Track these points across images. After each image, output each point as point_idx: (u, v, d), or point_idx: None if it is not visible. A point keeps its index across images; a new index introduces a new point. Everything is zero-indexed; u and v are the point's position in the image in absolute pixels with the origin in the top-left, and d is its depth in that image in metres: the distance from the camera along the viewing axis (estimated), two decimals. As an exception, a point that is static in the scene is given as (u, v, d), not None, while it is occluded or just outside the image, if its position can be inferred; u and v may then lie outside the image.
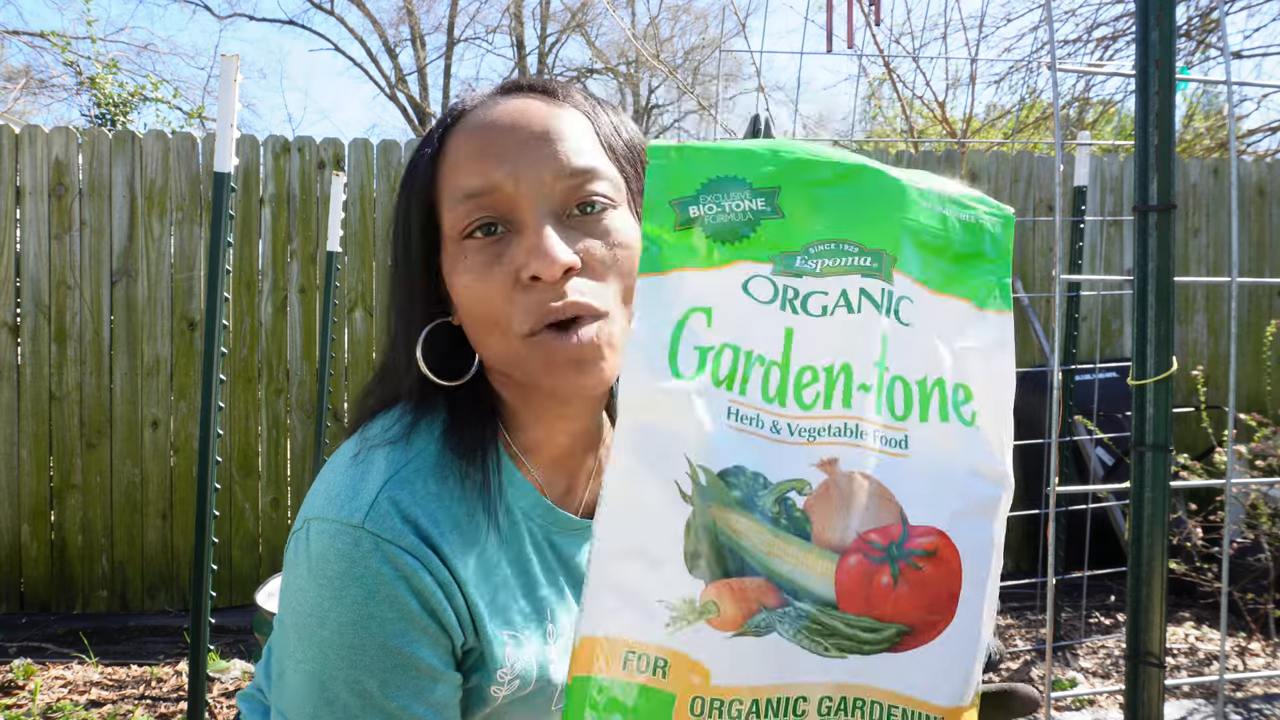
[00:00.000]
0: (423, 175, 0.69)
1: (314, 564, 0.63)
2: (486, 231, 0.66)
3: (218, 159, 1.82)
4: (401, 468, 0.67)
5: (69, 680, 2.77)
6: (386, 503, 0.64)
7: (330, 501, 0.65)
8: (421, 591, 0.63)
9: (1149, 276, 1.02)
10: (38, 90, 9.80)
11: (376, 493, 0.65)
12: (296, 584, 0.65)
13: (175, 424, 3.52)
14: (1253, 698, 2.45)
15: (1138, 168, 1.04)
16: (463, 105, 0.71)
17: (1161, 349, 1.01)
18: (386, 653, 0.62)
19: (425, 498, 0.66)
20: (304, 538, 0.65)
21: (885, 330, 0.54)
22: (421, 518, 0.65)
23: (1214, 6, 5.45)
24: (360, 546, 0.63)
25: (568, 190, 0.66)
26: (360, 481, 0.66)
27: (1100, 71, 1.34)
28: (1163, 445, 1.01)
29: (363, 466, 0.67)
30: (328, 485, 0.67)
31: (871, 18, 3.33)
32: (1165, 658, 1.02)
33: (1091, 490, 1.81)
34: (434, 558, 0.64)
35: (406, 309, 0.72)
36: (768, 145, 0.56)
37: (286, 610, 0.66)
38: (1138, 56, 1.04)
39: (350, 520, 0.63)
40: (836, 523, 0.49)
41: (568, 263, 0.63)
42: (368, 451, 0.69)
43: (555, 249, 0.63)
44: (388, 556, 0.62)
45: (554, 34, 15.87)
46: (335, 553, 0.63)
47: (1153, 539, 1.01)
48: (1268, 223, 4.22)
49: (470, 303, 0.66)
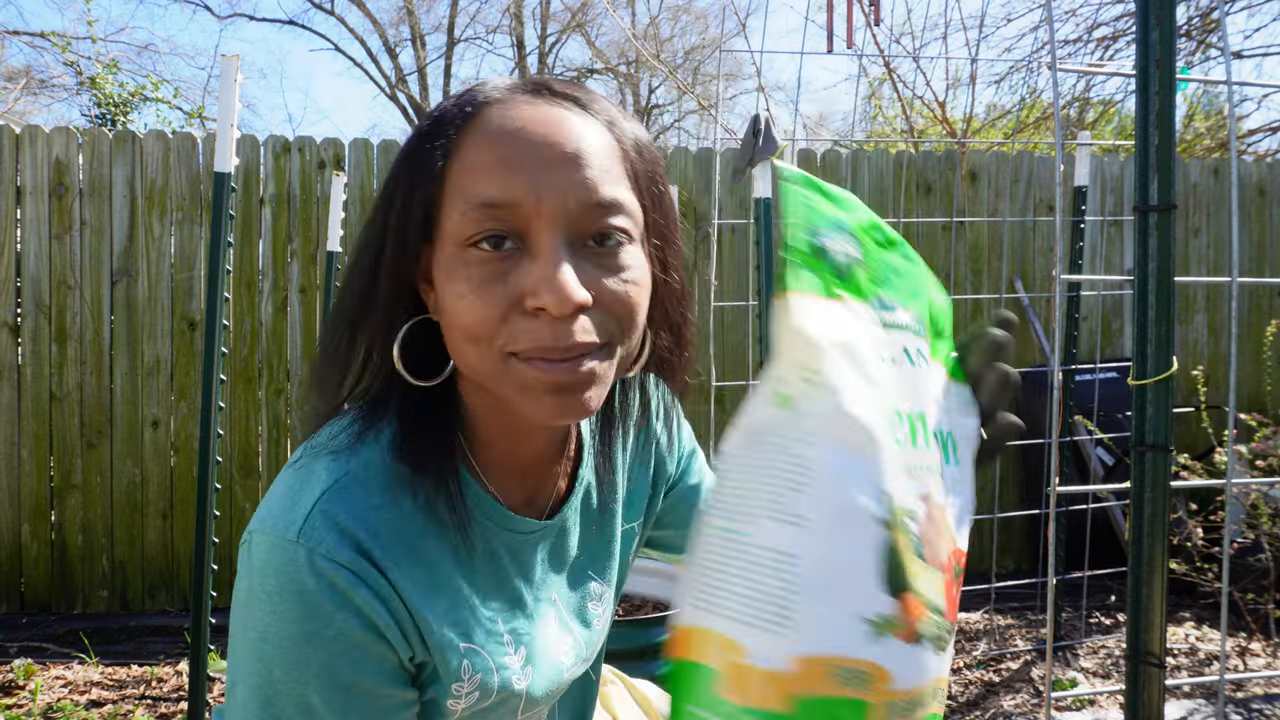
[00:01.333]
0: (430, 167, 0.64)
1: (254, 578, 0.62)
2: (494, 244, 0.61)
3: (218, 159, 1.82)
4: (341, 476, 0.64)
5: (69, 680, 2.77)
6: (321, 516, 0.62)
7: (269, 513, 0.64)
8: (361, 608, 0.61)
9: (1149, 276, 1.02)
10: (38, 90, 9.81)
11: (312, 505, 0.62)
12: (240, 597, 0.63)
13: (175, 424, 3.52)
14: (1253, 698, 2.45)
15: (1138, 168, 1.04)
16: (483, 98, 0.65)
17: (1162, 349, 1.01)
18: (328, 670, 0.61)
19: (365, 510, 0.63)
20: (246, 550, 0.64)
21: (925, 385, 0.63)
22: (359, 530, 0.62)
23: (1214, 6, 5.45)
24: (295, 561, 0.61)
25: (589, 219, 0.62)
26: (298, 493, 0.64)
27: (1100, 71, 1.35)
28: (1163, 445, 1.01)
29: (302, 475, 0.65)
30: (270, 496, 0.66)
31: (871, 18, 3.33)
32: (1165, 658, 1.02)
33: (1092, 490, 1.81)
34: (373, 571, 0.62)
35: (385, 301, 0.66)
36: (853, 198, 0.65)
37: (235, 623, 0.64)
38: (1138, 56, 1.04)
39: (286, 535, 0.61)
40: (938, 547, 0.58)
41: (581, 301, 0.60)
42: (309, 460, 0.66)
43: (570, 285, 0.59)
44: (322, 573, 0.60)
45: (554, 34, 15.87)
46: (273, 567, 0.61)
47: (1153, 539, 1.01)
48: (1268, 223, 4.22)
49: (460, 313, 0.62)
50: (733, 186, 3.79)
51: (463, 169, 0.62)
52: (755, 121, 2.06)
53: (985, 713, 2.45)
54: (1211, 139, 6.33)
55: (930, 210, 3.95)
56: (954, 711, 2.45)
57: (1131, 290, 1.03)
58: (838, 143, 7.51)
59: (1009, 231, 3.95)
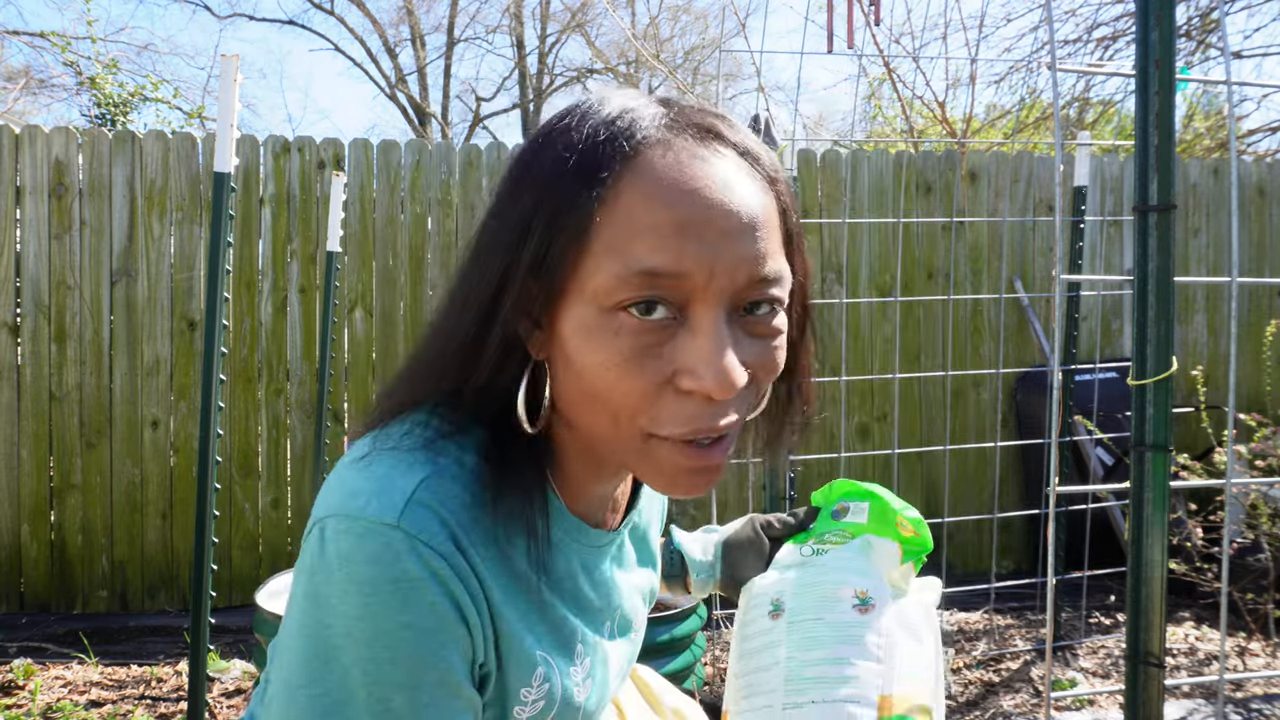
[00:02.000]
0: (581, 215, 0.57)
1: (337, 568, 0.57)
2: (645, 310, 0.56)
3: (218, 159, 1.82)
4: (436, 469, 0.60)
5: (69, 680, 2.77)
6: (420, 504, 0.58)
7: (354, 499, 0.58)
8: (458, 601, 0.58)
9: (1149, 276, 1.02)
10: (38, 90, 9.81)
11: (412, 491, 0.58)
12: (313, 592, 0.57)
13: (175, 424, 3.52)
14: (1252, 698, 2.45)
15: (1138, 168, 1.04)
16: (641, 136, 0.59)
17: (1161, 349, 1.01)
18: (419, 666, 0.56)
19: (459, 505, 0.60)
20: (319, 538, 0.58)
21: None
22: (455, 524, 0.59)
23: (1214, 6, 5.45)
24: (393, 548, 0.56)
25: (751, 292, 0.58)
26: (391, 480, 0.59)
27: (1100, 72, 1.35)
28: (1163, 445, 1.01)
29: (387, 467, 0.61)
30: (345, 484, 0.61)
31: (871, 18, 3.33)
32: (1165, 658, 1.02)
33: (1091, 490, 1.81)
34: (465, 566, 0.59)
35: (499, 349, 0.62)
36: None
37: (297, 624, 0.59)
38: (1138, 56, 1.04)
39: (384, 519, 0.57)
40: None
41: (741, 384, 0.57)
42: (389, 453, 0.62)
43: (735, 370, 0.56)
44: (425, 560, 0.56)
45: (554, 34, 15.88)
46: (365, 555, 0.56)
47: (1153, 539, 1.01)
48: (1268, 223, 4.22)
49: (606, 387, 0.58)
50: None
51: (625, 225, 0.57)
52: (755, 121, 2.06)
53: (985, 713, 2.45)
54: (1211, 139, 6.33)
55: (930, 210, 3.95)
56: (954, 711, 2.45)
57: (1131, 290, 1.03)
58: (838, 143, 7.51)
59: (1009, 231, 3.95)
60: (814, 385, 0.76)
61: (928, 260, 3.95)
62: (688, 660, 2.37)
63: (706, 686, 2.54)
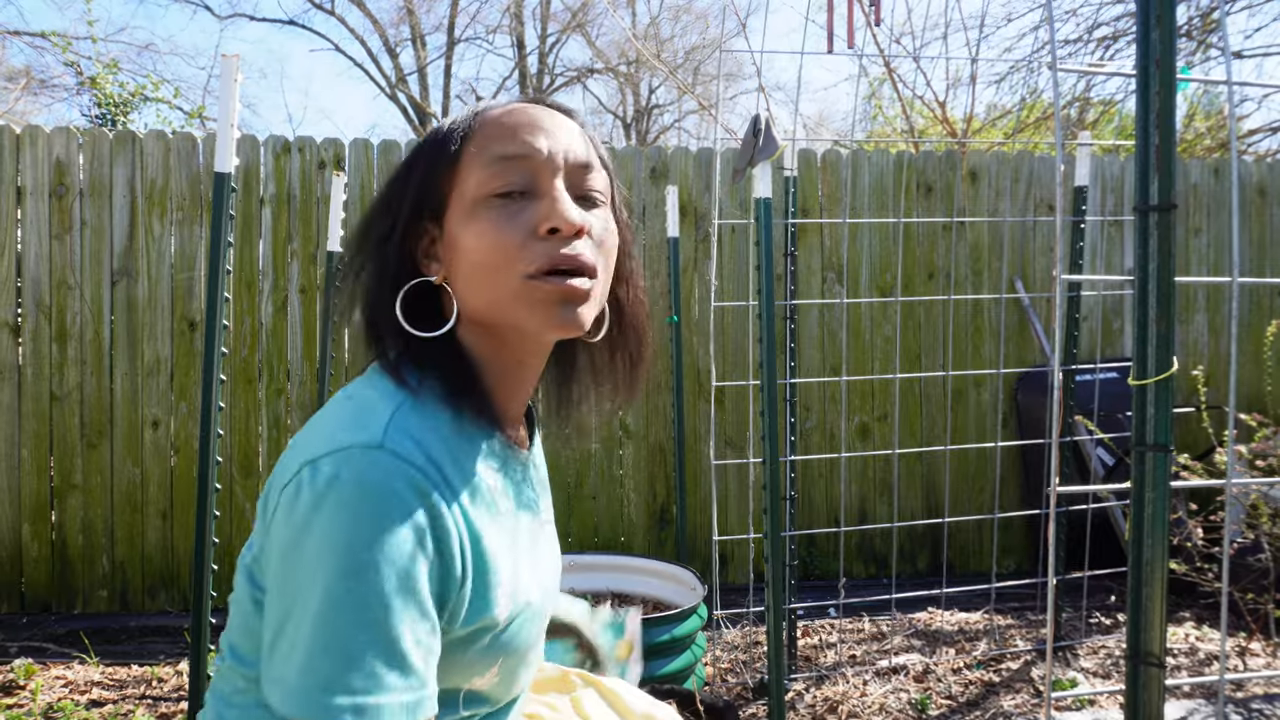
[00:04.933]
0: (451, 148, 0.78)
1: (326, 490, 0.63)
2: (508, 195, 0.75)
3: (218, 159, 1.82)
4: (401, 403, 0.72)
5: (70, 680, 2.77)
6: (396, 428, 0.69)
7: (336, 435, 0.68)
8: (434, 508, 0.67)
9: (1150, 276, 1.02)
10: (38, 90, 9.80)
11: (389, 419, 0.69)
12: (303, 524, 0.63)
13: (176, 424, 3.52)
14: (1253, 698, 2.45)
15: (1138, 168, 1.04)
16: (487, 106, 0.81)
17: (1162, 349, 1.01)
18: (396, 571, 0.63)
19: (424, 430, 0.71)
20: (311, 476, 0.65)
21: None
22: (429, 445, 0.70)
23: (1215, 6, 5.44)
24: (379, 465, 0.65)
25: (577, 175, 0.78)
26: (365, 414, 0.71)
27: (1101, 71, 1.35)
28: (1163, 445, 1.01)
29: (357, 404, 0.73)
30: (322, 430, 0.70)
31: (872, 18, 3.33)
32: (1165, 658, 1.02)
33: (1092, 490, 1.81)
34: (439, 477, 0.69)
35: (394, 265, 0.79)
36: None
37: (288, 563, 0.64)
38: (1138, 56, 1.04)
39: (369, 443, 0.66)
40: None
41: (582, 223, 0.75)
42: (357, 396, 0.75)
43: (575, 211, 0.76)
44: (405, 474, 0.66)
45: (554, 34, 15.87)
46: (352, 477, 0.64)
47: (1153, 539, 1.01)
48: (1268, 223, 4.21)
49: (483, 247, 0.75)
50: (733, 186, 3.78)
51: (481, 144, 0.77)
52: (755, 122, 2.06)
53: (985, 713, 2.45)
54: (1212, 139, 6.33)
55: (930, 210, 3.95)
56: (954, 711, 2.45)
57: (1132, 290, 1.03)
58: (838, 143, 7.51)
59: (1009, 231, 3.95)
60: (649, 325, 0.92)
61: (928, 260, 3.95)
62: (688, 660, 2.37)
63: (707, 687, 2.54)
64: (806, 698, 2.52)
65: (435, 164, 0.79)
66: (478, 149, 0.77)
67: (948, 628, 3.13)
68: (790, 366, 2.65)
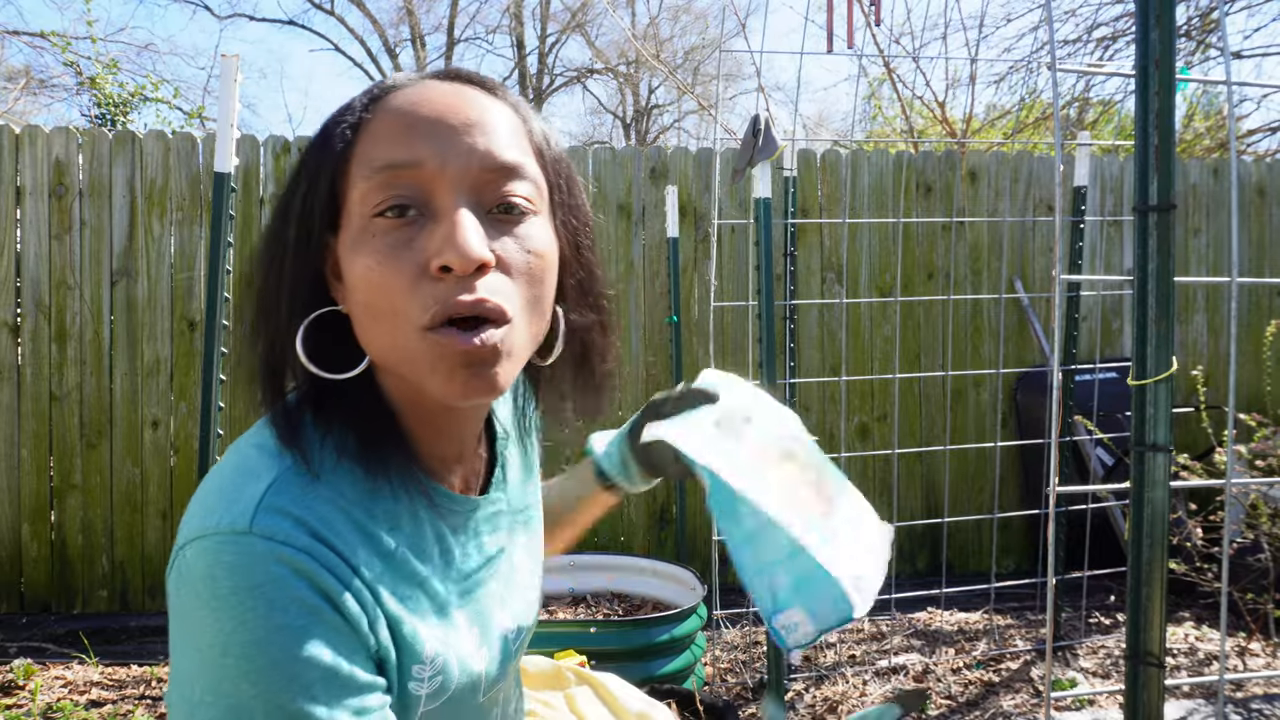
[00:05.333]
0: (337, 146, 0.64)
1: (201, 587, 0.57)
2: (399, 213, 0.61)
3: (218, 159, 1.82)
4: (282, 471, 0.62)
5: (69, 680, 2.77)
6: (270, 506, 0.59)
7: (206, 518, 0.59)
8: (329, 593, 0.58)
9: (1149, 276, 1.02)
10: (38, 90, 9.80)
11: (260, 496, 0.59)
12: (185, 615, 0.58)
13: (175, 424, 3.52)
14: (1253, 698, 2.45)
15: (1138, 168, 1.04)
16: (391, 83, 0.67)
17: (1161, 349, 1.01)
18: (305, 664, 0.56)
19: (313, 499, 0.61)
20: (183, 563, 0.58)
21: None
22: (311, 518, 0.60)
23: (1214, 6, 5.45)
24: (252, 553, 0.57)
25: (491, 183, 0.63)
26: (239, 489, 0.60)
27: (1100, 72, 1.34)
28: (1163, 445, 1.01)
29: (235, 476, 0.62)
30: (201, 504, 0.61)
31: (871, 18, 3.33)
32: (1165, 658, 1.02)
33: (1091, 490, 1.81)
34: (332, 556, 0.60)
35: (289, 294, 0.65)
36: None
37: (179, 653, 0.58)
38: (1138, 56, 1.05)
39: (236, 528, 0.57)
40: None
41: (482, 258, 0.60)
42: (243, 453, 0.64)
43: (472, 241, 0.59)
44: (284, 559, 0.57)
45: (554, 34, 15.87)
46: (224, 567, 0.56)
47: (1153, 539, 1.01)
48: (1268, 223, 4.22)
49: (368, 288, 0.61)
50: (733, 186, 3.79)
51: (369, 141, 0.63)
52: (755, 122, 2.06)
53: (985, 713, 2.45)
54: (1211, 139, 6.33)
55: (930, 210, 3.95)
56: (954, 711, 2.45)
57: (1131, 290, 1.03)
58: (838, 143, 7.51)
59: (1009, 231, 3.95)
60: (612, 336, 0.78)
61: (928, 260, 3.95)
62: (688, 660, 2.37)
63: (706, 687, 2.54)
64: (806, 698, 2.52)
65: (321, 163, 0.64)
66: (363, 151, 0.63)
67: (947, 628, 3.13)
68: (790, 366, 2.65)
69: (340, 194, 0.64)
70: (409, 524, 0.67)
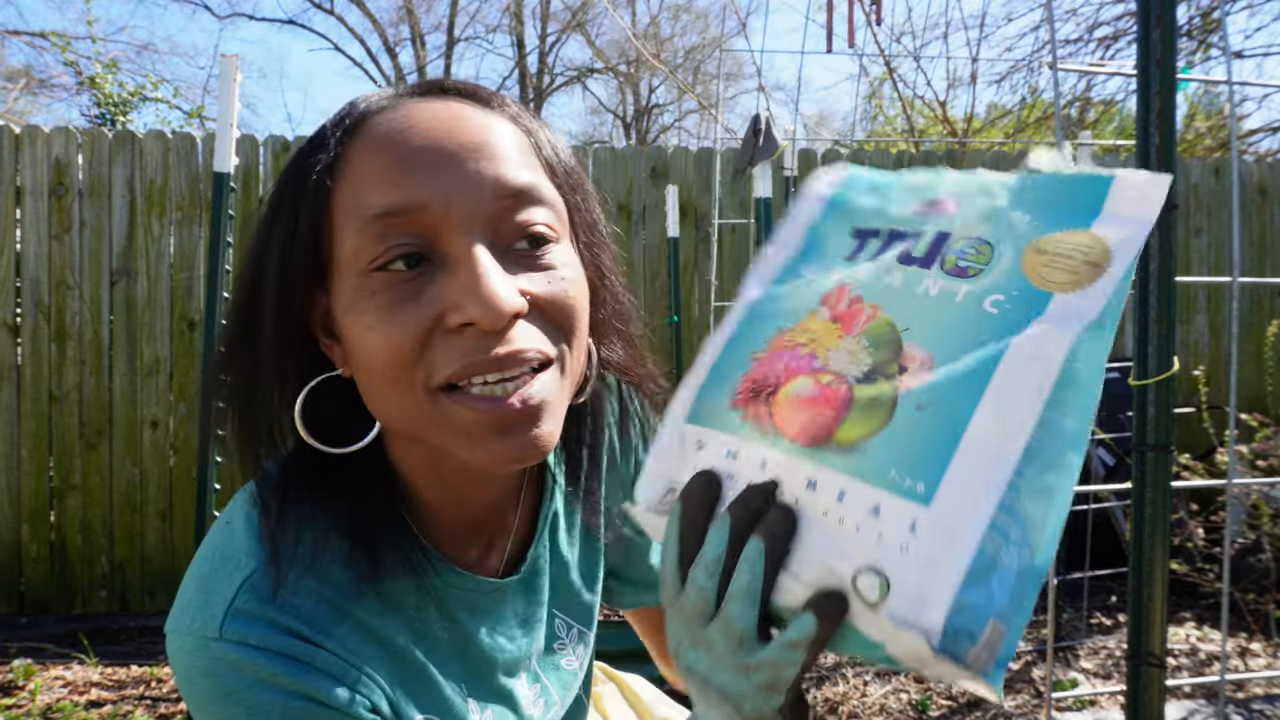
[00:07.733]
0: (314, 190, 0.54)
1: (184, 683, 0.55)
2: (407, 264, 0.52)
3: (218, 159, 1.82)
4: (261, 564, 0.56)
5: (69, 680, 2.76)
6: (242, 608, 0.54)
7: (183, 613, 0.55)
8: (310, 692, 0.54)
9: (1150, 276, 1.02)
10: (38, 90, 9.81)
11: (232, 597, 0.54)
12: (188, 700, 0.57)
13: (175, 424, 3.52)
14: (1254, 698, 2.45)
15: (1138, 167, 1.04)
16: (365, 106, 0.56)
17: (1162, 349, 1.00)
18: None
19: (293, 594, 0.55)
20: (170, 648, 0.56)
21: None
22: (287, 618, 0.54)
23: (1215, 6, 5.44)
24: (224, 661, 0.53)
25: (506, 215, 0.54)
26: (214, 584, 0.55)
27: (1101, 71, 1.34)
28: (1164, 445, 1.00)
29: (217, 561, 0.57)
30: (184, 590, 0.57)
31: (872, 17, 3.33)
32: (1166, 658, 1.02)
33: (1093, 490, 1.81)
34: (314, 651, 0.55)
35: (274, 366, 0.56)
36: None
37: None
38: (1139, 56, 1.04)
39: (206, 634, 0.53)
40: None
41: (514, 307, 0.51)
42: (226, 538, 0.58)
43: (499, 290, 0.50)
44: (256, 667, 0.53)
45: (554, 34, 15.87)
46: (198, 671, 0.53)
47: (1154, 539, 1.01)
48: (1269, 222, 4.21)
49: (372, 350, 0.52)
50: (733, 186, 3.78)
51: (352, 183, 0.53)
52: (756, 121, 2.06)
53: (985, 713, 2.44)
54: (1212, 139, 6.33)
55: (931, 210, 3.95)
56: (954, 711, 2.45)
57: (1132, 290, 1.03)
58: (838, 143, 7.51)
59: (1009, 231, 3.94)
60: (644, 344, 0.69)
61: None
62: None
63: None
64: (806, 698, 2.52)
65: (298, 207, 0.55)
66: (347, 194, 0.53)
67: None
68: (790, 366, 2.64)
69: (326, 247, 0.55)
70: (413, 607, 0.61)
